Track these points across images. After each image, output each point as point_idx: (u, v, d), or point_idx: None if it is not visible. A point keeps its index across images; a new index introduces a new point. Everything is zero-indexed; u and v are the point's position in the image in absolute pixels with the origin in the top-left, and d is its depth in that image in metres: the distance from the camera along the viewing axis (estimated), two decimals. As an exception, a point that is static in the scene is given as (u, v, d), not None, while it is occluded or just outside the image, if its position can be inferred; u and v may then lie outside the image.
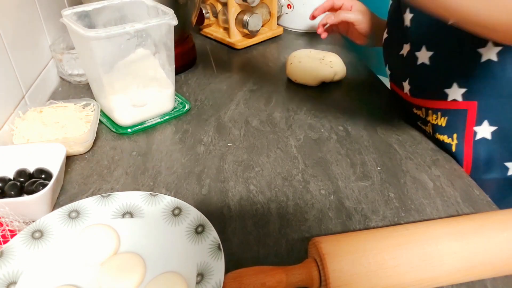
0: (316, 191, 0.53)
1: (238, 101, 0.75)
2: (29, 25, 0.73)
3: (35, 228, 0.43)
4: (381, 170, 0.57)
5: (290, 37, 1.05)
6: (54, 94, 0.78)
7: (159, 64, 0.66)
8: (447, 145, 0.60)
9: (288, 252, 0.45)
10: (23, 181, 0.50)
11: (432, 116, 0.61)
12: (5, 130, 0.59)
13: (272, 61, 0.92)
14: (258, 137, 0.64)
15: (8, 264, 0.40)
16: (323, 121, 0.68)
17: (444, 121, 0.59)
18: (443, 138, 0.60)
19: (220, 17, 1.00)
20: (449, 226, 0.41)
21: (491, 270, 0.40)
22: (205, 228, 0.43)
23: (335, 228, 0.48)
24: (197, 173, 0.56)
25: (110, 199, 0.47)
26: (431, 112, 0.61)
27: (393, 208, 0.51)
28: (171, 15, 0.60)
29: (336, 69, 0.79)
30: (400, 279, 0.38)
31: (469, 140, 0.58)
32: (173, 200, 0.47)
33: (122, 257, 0.42)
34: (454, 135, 0.59)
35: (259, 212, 0.50)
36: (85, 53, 0.62)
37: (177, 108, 0.71)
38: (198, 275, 0.39)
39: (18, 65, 0.67)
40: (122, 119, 0.64)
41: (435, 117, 0.60)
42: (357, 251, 0.38)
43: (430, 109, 0.61)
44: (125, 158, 0.60)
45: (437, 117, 0.60)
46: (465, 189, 0.54)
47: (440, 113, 0.59)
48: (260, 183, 0.55)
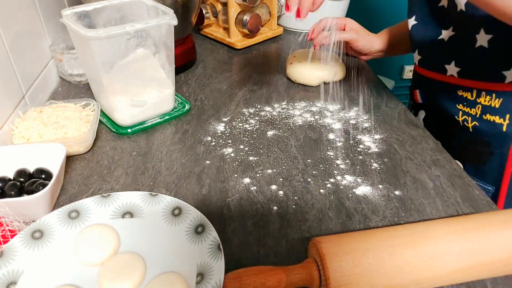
0: (316, 191, 0.53)
1: (238, 101, 0.75)
2: (29, 25, 0.73)
3: (35, 228, 0.43)
4: (381, 170, 0.57)
5: (290, 37, 1.05)
6: (54, 94, 0.78)
7: (159, 64, 0.66)
8: (497, 126, 0.62)
9: (288, 252, 0.45)
10: (23, 181, 0.50)
11: (485, 98, 0.62)
12: (5, 130, 0.59)
13: (272, 61, 0.92)
14: (258, 137, 0.64)
15: (8, 264, 0.40)
16: (323, 121, 0.68)
17: (499, 103, 0.61)
18: (494, 119, 0.62)
19: (220, 17, 1.00)
20: (449, 226, 0.41)
21: (491, 270, 0.40)
22: (205, 228, 0.43)
23: (335, 228, 0.48)
24: (197, 173, 0.56)
25: (110, 199, 0.47)
26: (484, 93, 0.62)
27: (393, 208, 0.51)
28: (171, 15, 0.60)
29: (336, 69, 0.79)
30: (400, 279, 0.38)
31: None
32: (173, 200, 0.47)
33: (122, 257, 0.42)
34: (507, 115, 0.61)
35: (259, 212, 0.50)
36: (85, 53, 0.62)
37: (177, 108, 0.71)
38: (198, 275, 0.39)
39: (18, 65, 0.67)
40: (122, 119, 0.64)
41: (488, 98, 0.62)
42: (357, 251, 0.38)
43: (484, 91, 0.62)
44: (125, 158, 0.60)
45: (490, 99, 0.62)
46: (465, 189, 0.54)
47: (495, 94, 0.61)
48: (260, 183, 0.55)
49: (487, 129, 0.63)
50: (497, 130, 0.62)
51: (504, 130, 0.62)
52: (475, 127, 0.65)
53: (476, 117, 0.65)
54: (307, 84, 0.79)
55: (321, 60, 0.81)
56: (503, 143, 0.63)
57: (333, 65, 0.80)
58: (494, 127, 0.63)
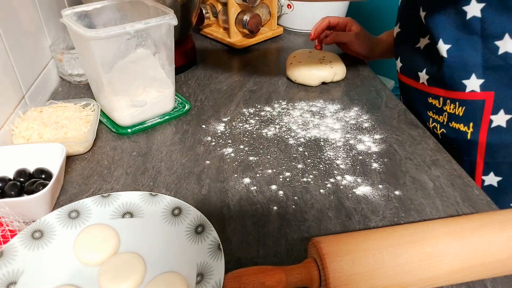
0: (316, 191, 0.53)
1: (238, 101, 0.75)
2: (29, 25, 0.73)
3: (35, 228, 0.43)
4: (381, 170, 0.57)
5: (290, 37, 1.05)
6: (54, 94, 0.78)
7: (159, 64, 0.66)
8: (462, 133, 0.63)
9: (288, 252, 0.45)
10: (23, 181, 0.50)
11: (449, 106, 0.63)
12: (5, 130, 0.59)
13: (272, 61, 0.92)
14: (258, 137, 0.64)
15: (8, 264, 0.40)
16: (323, 121, 0.68)
17: (462, 111, 0.62)
18: (458, 127, 0.63)
19: (220, 17, 1.00)
20: (449, 226, 0.41)
21: (491, 270, 0.40)
22: (205, 228, 0.43)
23: (335, 228, 0.48)
24: (197, 173, 0.56)
25: (110, 199, 0.47)
26: (449, 101, 0.63)
27: (392, 208, 0.51)
28: (171, 15, 0.60)
29: (336, 69, 0.79)
30: (400, 279, 0.38)
31: (484, 128, 0.61)
32: (173, 200, 0.47)
33: (122, 257, 0.42)
34: (470, 123, 0.62)
35: (259, 212, 0.50)
36: (85, 53, 0.62)
37: (177, 108, 0.71)
38: (198, 275, 0.39)
39: (18, 65, 0.67)
40: (122, 119, 0.64)
41: (452, 106, 0.62)
42: (357, 251, 0.38)
43: (448, 99, 0.63)
44: (125, 158, 0.60)
45: (454, 107, 0.62)
46: (464, 189, 0.54)
47: (458, 103, 0.62)
48: (260, 183, 0.55)
49: (454, 136, 0.64)
50: (462, 138, 0.63)
51: (468, 138, 0.63)
52: (443, 134, 0.66)
53: (443, 125, 0.66)
54: (307, 84, 0.79)
55: (321, 60, 0.81)
56: (470, 151, 0.63)
57: (333, 65, 0.80)
58: (459, 134, 0.64)
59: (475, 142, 0.62)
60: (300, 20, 1.06)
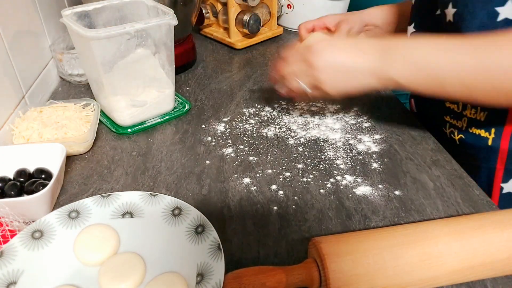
0: (316, 191, 0.53)
1: (238, 101, 0.75)
2: (29, 25, 0.73)
3: (35, 228, 0.43)
4: (381, 170, 0.57)
5: (290, 37, 1.05)
6: (54, 94, 0.78)
7: (159, 64, 0.66)
8: (482, 139, 0.61)
9: (288, 252, 0.45)
10: (23, 181, 0.50)
11: (471, 110, 0.61)
12: (5, 130, 0.59)
13: (272, 61, 0.92)
14: (258, 137, 0.64)
15: (8, 264, 0.40)
16: (323, 121, 0.68)
17: (483, 116, 0.59)
18: (479, 132, 0.61)
19: (220, 17, 1.00)
20: (449, 226, 0.41)
21: (491, 270, 0.40)
22: (205, 228, 0.43)
23: (335, 228, 0.48)
24: (197, 173, 0.56)
25: (110, 199, 0.47)
26: (469, 106, 0.61)
27: (393, 208, 0.51)
28: (171, 15, 0.60)
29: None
30: (400, 279, 0.38)
31: (507, 133, 0.58)
32: (173, 200, 0.47)
33: (122, 257, 0.42)
34: (492, 129, 0.59)
35: (259, 213, 0.50)
36: (85, 53, 0.62)
37: (177, 108, 0.71)
38: (198, 275, 0.39)
39: (18, 65, 0.67)
40: (122, 119, 0.64)
41: (474, 111, 0.60)
42: (357, 251, 0.38)
43: (468, 103, 0.61)
44: (125, 158, 0.60)
45: (476, 112, 0.60)
46: (465, 190, 0.54)
47: (480, 107, 0.60)
48: (260, 183, 0.55)
49: (473, 142, 0.62)
50: (483, 143, 0.61)
51: (489, 144, 0.60)
52: (461, 140, 0.64)
53: (462, 130, 0.63)
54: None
55: None
56: (490, 157, 0.61)
57: None
58: (480, 140, 0.61)
59: (496, 148, 0.60)
60: (300, 20, 1.05)
